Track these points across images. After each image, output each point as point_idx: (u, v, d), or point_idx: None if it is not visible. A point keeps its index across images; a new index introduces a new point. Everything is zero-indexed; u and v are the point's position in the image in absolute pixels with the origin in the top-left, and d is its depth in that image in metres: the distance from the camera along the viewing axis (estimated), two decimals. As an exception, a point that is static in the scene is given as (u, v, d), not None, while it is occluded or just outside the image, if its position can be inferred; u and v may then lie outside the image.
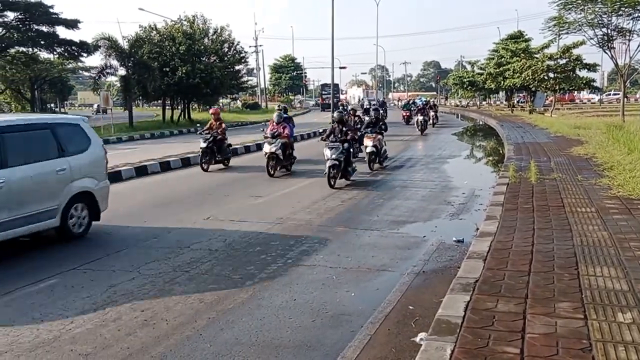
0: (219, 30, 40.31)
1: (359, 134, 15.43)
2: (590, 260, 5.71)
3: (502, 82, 50.64)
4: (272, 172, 14.04)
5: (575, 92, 58.68)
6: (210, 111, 17.28)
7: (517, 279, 5.16)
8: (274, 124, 14.79)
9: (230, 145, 16.78)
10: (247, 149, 21.13)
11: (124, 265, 6.84)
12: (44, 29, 41.08)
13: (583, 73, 39.70)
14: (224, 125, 16.12)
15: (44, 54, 48.78)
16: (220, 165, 16.00)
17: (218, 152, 15.76)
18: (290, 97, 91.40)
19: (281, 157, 14.17)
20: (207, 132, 15.69)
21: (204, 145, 15.37)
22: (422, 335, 4.47)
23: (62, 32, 42.83)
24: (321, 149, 13.33)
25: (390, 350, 4.51)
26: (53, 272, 6.58)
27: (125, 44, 34.34)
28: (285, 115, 16.26)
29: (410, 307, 5.40)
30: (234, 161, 16.91)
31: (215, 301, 5.61)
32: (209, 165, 15.53)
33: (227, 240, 7.94)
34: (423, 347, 3.88)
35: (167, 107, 40.34)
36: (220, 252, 7.32)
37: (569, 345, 3.79)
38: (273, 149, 13.97)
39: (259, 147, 19.96)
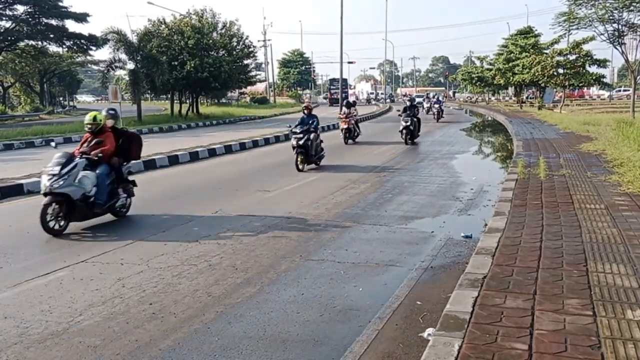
0: (227, 25, 40.34)
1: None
2: (599, 257, 5.68)
3: (511, 78, 50.48)
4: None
5: (585, 88, 58.27)
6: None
7: (525, 275, 5.14)
8: None
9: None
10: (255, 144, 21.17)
11: (133, 258, 6.87)
12: (53, 22, 41.35)
13: (593, 69, 39.46)
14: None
15: (53, 48, 49.14)
16: (230, 158, 15.99)
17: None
18: (299, 91, 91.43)
19: None
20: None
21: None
22: (430, 330, 4.48)
23: (71, 25, 43.14)
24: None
25: (397, 346, 4.51)
26: (62, 265, 6.63)
27: (134, 38, 34.42)
28: None
29: (418, 303, 5.40)
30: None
31: (223, 295, 5.63)
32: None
33: (236, 234, 7.96)
34: (431, 343, 3.87)
35: (175, 101, 40.43)
36: (228, 246, 7.34)
37: (577, 342, 3.77)
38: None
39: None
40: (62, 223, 8.07)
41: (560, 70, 39.32)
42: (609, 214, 7.54)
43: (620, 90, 70.64)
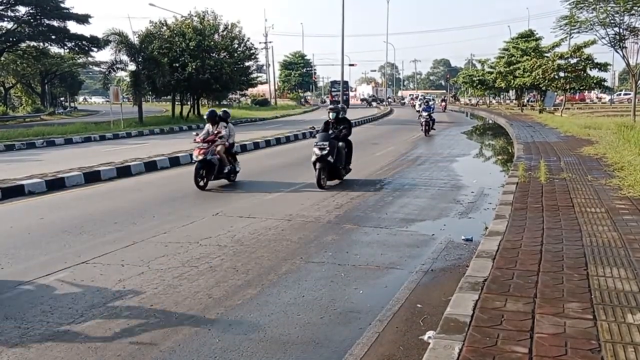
0: (229, 27, 40.41)
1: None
2: (599, 260, 5.68)
3: (512, 81, 50.55)
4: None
5: (586, 91, 58.34)
6: None
7: (526, 279, 5.15)
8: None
9: None
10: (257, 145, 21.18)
11: (134, 259, 6.88)
12: (55, 23, 41.46)
13: (594, 72, 39.48)
14: None
15: (54, 49, 49.26)
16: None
17: None
18: (300, 93, 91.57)
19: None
20: None
21: None
22: (430, 333, 4.48)
23: (73, 26, 43.42)
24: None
25: (398, 348, 4.52)
26: (63, 266, 6.64)
27: (135, 40, 34.50)
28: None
29: (419, 305, 5.40)
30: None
31: (224, 297, 5.63)
32: None
33: (236, 236, 7.97)
34: (431, 346, 3.88)
35: (176, 103, 40.49)
36: (229, 248, 7.35)
37: (577, 345, 3.78)
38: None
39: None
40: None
41: (561, 74, 39.33)
42: (609, 218, 7.55)
43: (621, 94, 70.68)
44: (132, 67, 34.88)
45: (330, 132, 12.54)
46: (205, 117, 13.42)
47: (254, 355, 4.40)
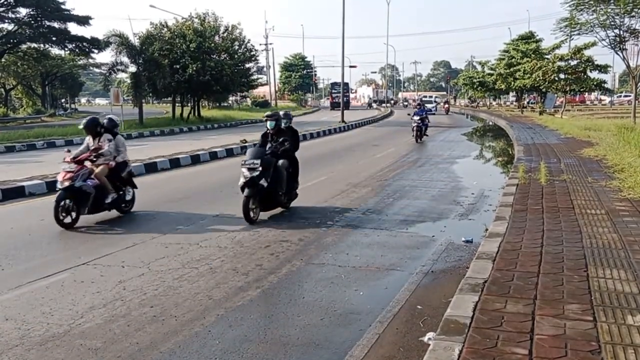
0: (229, 28, 40.46)
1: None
2: (599, 262, 5.68)
3: (513, 83, 50.59)
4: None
5: (586, 93, 58.36)
6: None
7: (526, 280, 5.14)
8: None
9: None
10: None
11: (134, 261, 6.88)
12: (56, 25, 41.56)
13: (594, 74, 39.47)
14: None
15: (55, 50, 49.30)
16: (231, 161, 15.87)
17: None
18: (301, 95, 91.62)
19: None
20: None
21: None
22: (430, 335, 4.48)
23: (74, 28, 43.37)
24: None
25: (398, 350, 4.52)
26: (63, 267, 6.64)
27: (136, 41, 34.51)
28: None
29: (419, 307, 5.40)
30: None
31: (224, 298, 5.63)
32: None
33: (236, 237, 7.97)
34: (431, 347, 3.88)
35: (177, 104, 40.52)
36: (229, 250, 7.35)
37: (577, 347, 3.78)
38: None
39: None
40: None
41: (562, 76, 39.32)
42: (609, 220, 7.54)
43: (621, 96, 70.73)
44: (132, 68, 34.94)
45: (268, 146, 9.68)
46: (82, 127, 9.43)
47: (254, 357, 4.40)
